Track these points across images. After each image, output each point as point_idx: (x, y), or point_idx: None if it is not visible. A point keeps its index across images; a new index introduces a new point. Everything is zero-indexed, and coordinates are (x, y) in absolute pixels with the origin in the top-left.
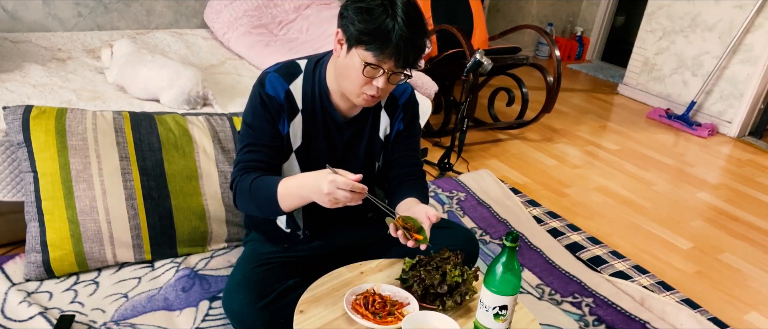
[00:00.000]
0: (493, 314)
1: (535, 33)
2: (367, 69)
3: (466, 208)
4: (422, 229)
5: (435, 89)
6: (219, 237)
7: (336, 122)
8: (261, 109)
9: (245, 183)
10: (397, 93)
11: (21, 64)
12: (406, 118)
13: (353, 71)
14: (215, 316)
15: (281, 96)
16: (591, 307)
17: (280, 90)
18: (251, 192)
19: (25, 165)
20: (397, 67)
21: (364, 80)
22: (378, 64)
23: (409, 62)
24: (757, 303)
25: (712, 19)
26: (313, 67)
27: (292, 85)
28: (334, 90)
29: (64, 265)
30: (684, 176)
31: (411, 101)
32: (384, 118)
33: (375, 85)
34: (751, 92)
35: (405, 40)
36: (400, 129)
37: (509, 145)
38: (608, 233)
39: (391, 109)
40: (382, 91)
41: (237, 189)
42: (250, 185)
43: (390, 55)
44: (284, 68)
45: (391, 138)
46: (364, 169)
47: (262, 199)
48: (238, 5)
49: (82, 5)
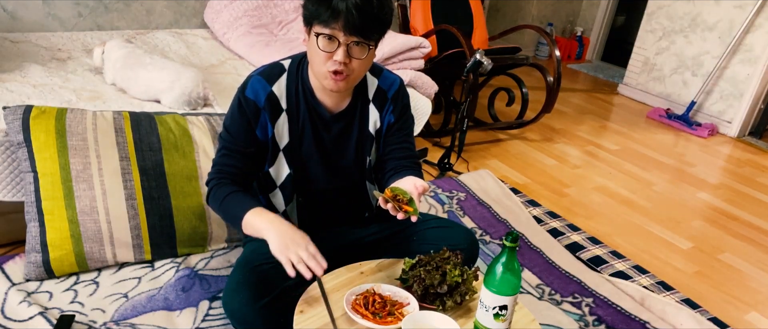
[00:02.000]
0: (493, 314)
1: (535, 33)
2: (321, 40)
3: (466, 208)
4: (412, 201)
5: (435, 89)
6: (219, 238)
7: (322, 118)
8: (238, 114)
9: (220, 193)
10: (385, 86)
11: (21, 64)
12: (397, 110)
13: (314, 50)
14: (215, 316)
15: (262, 99)
16: (591, 307)
17: (261, 93)
18: (223, 205)
19: (25, 165)
20: (350, 35)
21: (324, 56)
22: (331, 34)
23: (363, 29)
24: (757, 303)
25: (712, 19)
26: (296, 66)
27: (275, 86)
28: (316, 86)
29: (64, 265)
30: (684, 176)
31: (400, 93)
32: (373, 112)
33: (335, 60)
34: (751, 92)
35: (353, 4)
36: (391, 121)
37: (509, 145)
38: (608, 233)
39: (380, 102)
40: (347, 68)
41: (211, 192)
42: (223, 198)
43: (337, 20)
44: (268, 69)
45: (382, 131)
46: (354, 164)
47: (228, 216)
48: (238, 5)
49: (82, 5)
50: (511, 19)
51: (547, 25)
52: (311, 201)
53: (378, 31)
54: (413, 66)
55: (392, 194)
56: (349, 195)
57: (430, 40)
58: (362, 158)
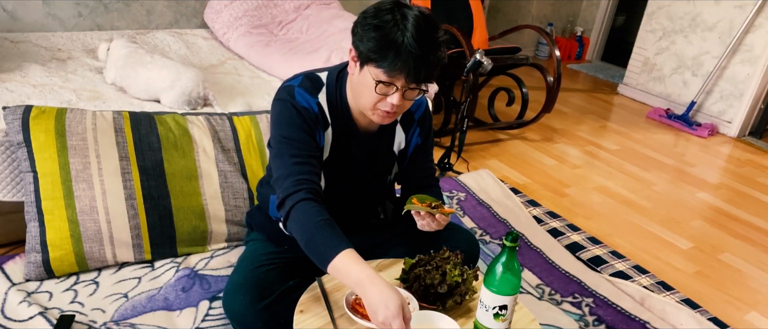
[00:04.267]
0: (493, 314)
1: (535, 33)
2: (379, 86)
3: (466, 208)
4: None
5: (435, 89)
6: (219, 237)
7: (357, 137)
8: (299, 120)
9: (309, 216)
10: (413, 107)
11: (21, 64)
12: (424, 132)
13: (366, 89)
14: (215, 316)
15: (315, 108)
16: (591, 307)
17: (312, 101)
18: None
19: (25, 165)
20: (410, 82)
21: (377, 98)
22: (390, 81)
23: (422, 77)
24: (757, 303)
25: (712, 19)
26: (335, 81)
27: (320, 97)
28: (353, 106)
29: (64, 265)
30: (684, 176)
31: (427, 115)
32: (399, 133)
33: (389, 102)
34: (751, 92)
35: (416, 56)
36: (418, 143)
37: (509, 145)
38: (608, 233)
39: (407, 123)
40: (397, 107)
41: (298, 209)
42: (313, 224)
43: (401, 72)
44: (306, 81)
45: (409, 152)
46: (376, 182)
47: (312, 250)
48: (238, 5)
49: (82, 5)
50: (511, 19)
51: (547, 25)
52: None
53: (435, 76)
54: None
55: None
56: (363, 206)
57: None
58: (384, 177)
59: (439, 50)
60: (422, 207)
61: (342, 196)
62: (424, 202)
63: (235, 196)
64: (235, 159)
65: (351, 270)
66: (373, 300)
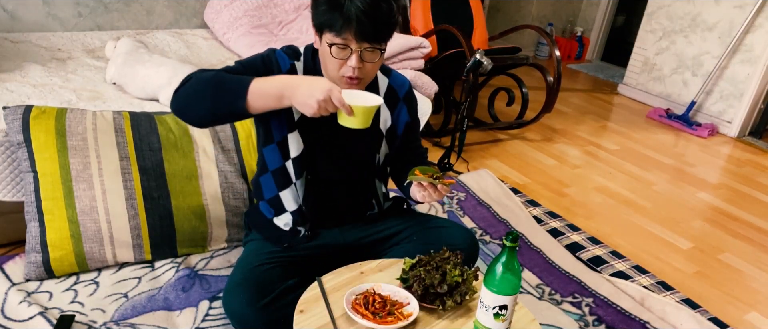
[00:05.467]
0: (493, 314)
1: (535, 33)
2: (334, 49)
3: (466, 208)
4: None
5: (435, 89)
6: (219, 238)
7: None
8: (260, 63)
9: (208, 73)
10: (396, 85)
11: (21, 64)
12: (412, 110)
13: (327, 57)
14: (215, 316)
15: (288, 67)
16: (591, 307)
17: (288, 63)
18: (215, 79)
19: (25, 165)
20: (360, 41)
21: (339, 63)
22: (343, 43)
23: (374, 35)
24: (757, 303)
25: (712, 19)
26: (311, 56)
27: (296, 63)
28: None
29: (64, 265)
30: (684, 176)
31: (410, 94)
32: (384, 111)
33: (349, 66)
34: (751, 92)
35: (362, 12)
36: (408, 121)
37: (509, 145)
38: (608, 233)
39: (392, 101)
40: (359, 72)
41: (191, 79)
42: (215, 73)
43: (348, 30)
44: (288, 49)
45: (399, 131)
46: (364, 160)
47: (224, 88)
48: (238, 5)
49: (82, 5)
50: (511, 19)
51: (547, 25)
52: (318, 186)
53: (388, 34)
54: (413, 66)
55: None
56: (356, 191)
57: (430, 40)
58: (372, 156)
59: (388, 7)
60: (425, 177)
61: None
62: (427, 173)
63: (235, 197)
64: (236, 159)
65: (272, 80)
66: (303, 86)
